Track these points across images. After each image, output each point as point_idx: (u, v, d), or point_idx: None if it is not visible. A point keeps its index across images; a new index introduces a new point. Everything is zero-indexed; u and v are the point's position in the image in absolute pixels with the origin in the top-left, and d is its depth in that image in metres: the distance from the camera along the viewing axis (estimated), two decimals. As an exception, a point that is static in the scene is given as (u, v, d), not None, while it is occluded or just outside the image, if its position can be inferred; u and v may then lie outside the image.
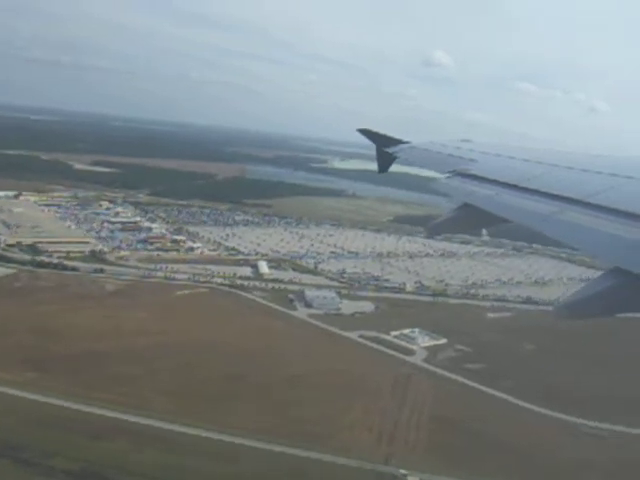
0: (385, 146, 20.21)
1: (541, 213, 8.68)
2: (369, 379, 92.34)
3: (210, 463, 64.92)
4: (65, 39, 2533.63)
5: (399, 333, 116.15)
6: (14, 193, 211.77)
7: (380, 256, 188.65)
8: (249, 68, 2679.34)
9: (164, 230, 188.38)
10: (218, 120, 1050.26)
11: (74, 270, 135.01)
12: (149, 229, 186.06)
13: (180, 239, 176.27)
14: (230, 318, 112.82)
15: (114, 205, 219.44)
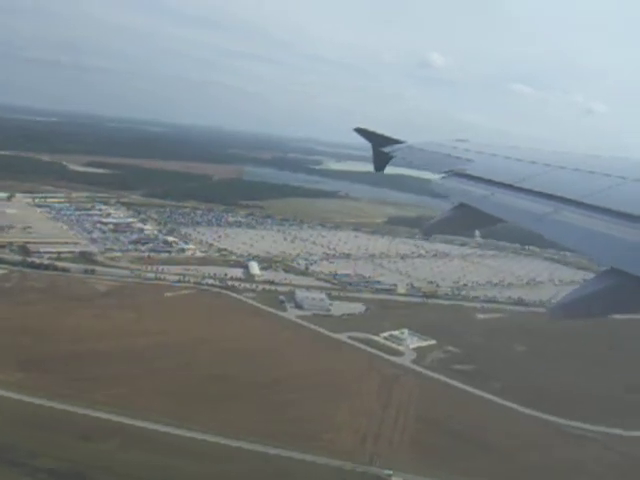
0: (381, 146, 20.21)
1: (536, 213, 8.67)
2: (356, 380, 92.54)
3: (194, 463, 65.19)
4: (65, 39, 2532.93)
5: (388, 334, 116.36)
6: (7, 194, 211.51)
7: (372, 257, 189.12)
8: (249, 68, 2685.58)
9: (156, 231, 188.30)
10: (218, 121, 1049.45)
11: (65, 271, 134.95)
12: (141, 230, 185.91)
13: (172, 240, 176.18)
14: (218, 319, 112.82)
15: (107, 206, 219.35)
